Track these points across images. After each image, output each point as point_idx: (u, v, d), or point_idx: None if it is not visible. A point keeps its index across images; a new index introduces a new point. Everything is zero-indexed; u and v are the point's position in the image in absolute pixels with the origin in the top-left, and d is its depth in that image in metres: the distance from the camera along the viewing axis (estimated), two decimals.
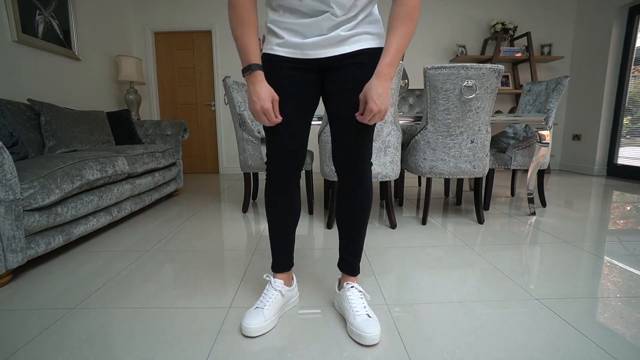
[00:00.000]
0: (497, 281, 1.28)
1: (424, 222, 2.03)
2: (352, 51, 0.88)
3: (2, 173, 1.22)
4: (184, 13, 4.06)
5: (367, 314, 0.96)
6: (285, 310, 1.08)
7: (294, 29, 0.87)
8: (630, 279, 1.29)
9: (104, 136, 2.50)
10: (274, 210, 1.02)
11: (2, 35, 2.29)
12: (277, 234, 1.05)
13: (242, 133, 2.19)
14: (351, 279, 1.06)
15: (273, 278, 1.07)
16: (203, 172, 4.49)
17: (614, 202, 2.57)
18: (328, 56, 0.88)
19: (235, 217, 2.24)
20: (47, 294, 1.21)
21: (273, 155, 0.96)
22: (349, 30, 0.86)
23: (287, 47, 0.89)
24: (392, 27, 0.84)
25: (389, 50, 0.83)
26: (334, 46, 0.87)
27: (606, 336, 0.94)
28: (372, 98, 0.83)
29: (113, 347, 0.91)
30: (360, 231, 1.04)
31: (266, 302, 1.01)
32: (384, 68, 0.83)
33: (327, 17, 0.83)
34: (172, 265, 1.47)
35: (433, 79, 1.81)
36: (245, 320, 0.96)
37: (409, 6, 0.82)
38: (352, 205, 1.00)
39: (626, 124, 3.80)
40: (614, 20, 3.72)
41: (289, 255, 1.09)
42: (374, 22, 0.90)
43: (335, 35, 0.85)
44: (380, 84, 0.83)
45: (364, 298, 1.01)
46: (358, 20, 0.86)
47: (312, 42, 0.86)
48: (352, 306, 0.98)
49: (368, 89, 0.84)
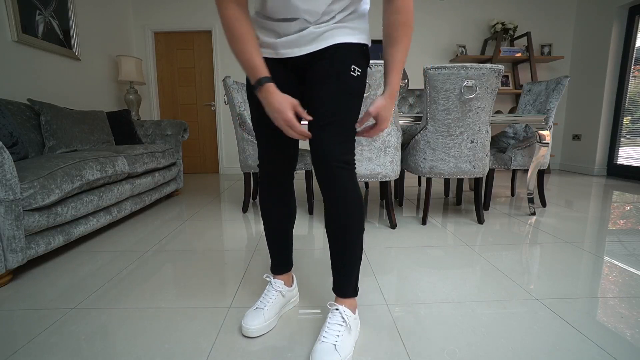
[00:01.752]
0: (497, 281, 1.28)
1: (424, 222, 2.03)
2: (325, 47, 0.82)
3: (2, 173, 1.22)
4: (184, 13, 4.06)
5: (334, 344, 0.83)
6: (284, 311, 1.08)
7: (268, 27, 0.84)
8: (630, 279, 1.29)
9: (104, 136, 2.50)
10: (269, 211, 1.01)
11: (2, 35, 2.29)
12: (273, 235, 1.04)
13: (242, 133, 2.19)
14: (340, 300, 0.93)
15: (273, 278, 1.07)
16: (203, 172, 4.49)
17: (614, 202, 2.57)
18: (300, 55, 0.83)
19: (235, 217, 2.24)
20: (47, 294, 1.21)
21: (262, 157, 0.96)
22: (323, 27, 0.81)
23: (263, 47, 0.87)
24: (394, 40, 0.80)
25: (395, 67, 0.80)
26: (307, 44, 0.82)
27: (606, 336, 0.94)
28: (385, 119, 0.81)
29: (113, 347, 0.91)
30: (346, 246, 0.88)
31: (266, 303, 1.00)
32: (395, 86, 0.80)
33: (300, 22, 0.80)
34: (172, 265, 1.47)
35: (433, 79, 1.81)
36: (245, 321, 0.96)
37: (405, 13, 0.79)
38: (331, 214, 0.86)
39: (626, 124, 3.80)
40: (614, 20, 3.72)
41: (287, 257, 1.07)
42: (357, 18, 0.84)
43: (308, 33, 0.81)
44: (392, 104, 0.82)
45: (345, 326, 0.87)
46: (336, 20, 0.81)
47: (284, 41, 0.83)
48: (324, 329, 0.88)
49: (381, 108, 0.81)
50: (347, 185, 0.83)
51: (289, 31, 0.82)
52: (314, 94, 0.83)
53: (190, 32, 4.15)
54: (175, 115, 4.35)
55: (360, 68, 0.84)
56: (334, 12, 0.80)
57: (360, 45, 0.84)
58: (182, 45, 4.19)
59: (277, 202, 1.00)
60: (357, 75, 0.83)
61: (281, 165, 0.96)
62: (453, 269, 1.40)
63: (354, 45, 0.83)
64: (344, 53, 0.82)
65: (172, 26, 4.09)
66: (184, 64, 4.22)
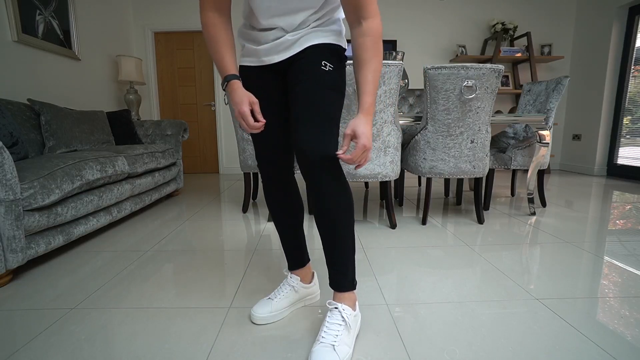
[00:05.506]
0: (497, 281, 1.28)
1: (424, 222, 2.03)
2: (301, 50, 0.87)
3: (2, 173, 1.22)
4: (184, 13, 4.06)
5: (333, 344, 0.82)
6: (298, 306, 1.10)
7: (251, 37, 0.91)
8: (630, 279, 1.29)
9: (104, 136, 2.50)
10: (274, 210, 1.04)
11: (2, 35, 2.29)
12: (283, 232, 1.06)
13: (242, 133, 2.19)
14: (339, 296, 0.92)
15: (291, 273, 1.09)
16: (203, 172, 4.49)
17: (614, 202, 2.57)
18: (280, 60, 0.89)
19: (235, 217, 2.24)
20: (47, 294, 1.21)
21: (258, 158, 1.00)
22: (298, 34, 0.86)
23: (248, 56, 0.93)
24: (363, 61, 0.81)
25: (367, 89, 0.81)
26: (284, 50, 0.88)
27: (606, 336, 0.94)
28: (363, 134, 0.78)
29: (113, 347, 0.91)
30: (338, 239, 0.88)
31: (277, 295, 1.05)
32: (369, 107, 0.81)
33: (277, 31, 0.86)
34: (172, 265, 1.47)
35: (433, 79, 1.81)
36: (254, 307, 1.03)
37: (373, 35, 0.80)
38: (319, 209, 0.86)
39: (626, 124, 3.80)
40: (614, 20, 3.72)
41: (299, 253, 1.08)
42: (331, 24, 0.90)
43: (284, 41, 0.86)
44: (367, 121, 0.80)
45: (344, 325, 0.87)
46: (310, 27, 0.87)
47: (264, 49, 0.88)
48: (323, 329, 0.87)
49: (356, 125, 0.79)
50: (330, 179, 0.83)
51: (267, 39, 0.88)
52: (292, 92, 0.87)
53: (190, 32, 4.15)
54: (175, 115, 4.35)
55: (332, 64, 0.87)
56: (309, 22, 0.86)
57: (331, 44, 0.88)
58: (182, 45, 4.19)
59: (280, 200, 1.02)
60: (329, 70, 0.86)
61: (277, 162, 0.98)
62: (453, 269, 1.40)
63: (325, 45, 0.87)
64: (315, 52, 0.86)
65: (172, 26, 4.09)
66: (184, 64, 4.22)
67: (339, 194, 0.85)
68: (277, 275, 1.36)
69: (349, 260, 0.90)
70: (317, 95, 0.84)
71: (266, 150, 0.97)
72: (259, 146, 0.97)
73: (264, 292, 1.21)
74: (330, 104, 0.85)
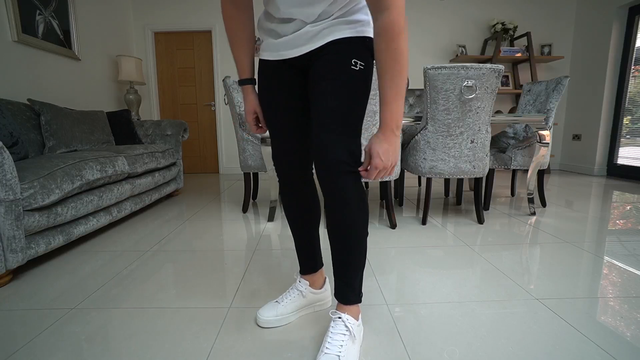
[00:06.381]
0: (497, 281, 1.28)
1: (424, 222, 2.03)
2: (323, 44, 0.79)
3: (2, 173, 1.22)
4: (184, 13, 4.06)
5: (339, 355, 0.80)
6: (307, 312, 1.07)
7: (270, 28, 0.85)
8: (630, 279, 1.29)
9: (104, 136, 2.50)
10: (288, 209, 1.00)
11: (2, 35, 2.29)
12: (294, 233, 1.02)
13: (242, 133, 2.19)
14: (342, 307, 0.88)
15: (300, 277, 1.06)
16: (203, 172, 4.49)
17: (614, 202, 2.57)
18: (299, 55, 0.82)
19: (235, 217, 2.24)
20: (47, 294, 1.21)
21: (275, 157, 0.95)
22: (320, 25, 0.78)
23: (267, 50, 0.87)
24: (379, 69, 0.72)
25: (388, 101, 0.72)
26: (304, 44, 0.80)
27: (606, 336, 0.94)
28: (377, 154, 0.73)
29: (113, 347, 0.91)
30: (349, 252, 0.84)
31: (284, 299, 1.04)
32: (386, 123, 0.73)
33: (297, 22, 0.79)
34: (172, 265, 1.47)
35: (433, 79, 1.81)
36: (260, 310, 1.02)
37: (387, 34, 0.68)
38: (333, 219, 0.82)
39: (626, 124, 3.79)
40: (614, 20, 3.72)
41: (310, 257, 1.04)
42: (357, 12, 0.79)
43: (305, 32, 0.79)
44: (386, 139, 0.73)
45: (348, 335, 0.84)
46: (333, 17, 0.78)
47: (283, 42, 0.82)
48: (327, 339, 0.84)
49: (373, 143, 0.74)
50: (349, 190, 0.78)
51: (286, 32, 0.81)
52: (314, 93, 0.81)
53: (190, 32, 4.15)
54: (175, 115, 4.35)
55: (364, 61, 0.79)
56: (330, 12, 0.77)
57: (362, 38, 0.79)
58: (182, 45, 4.19)
59: (295, 202, 0.98)
60: (360, 69, 0.78)
61: (292, 162, 0.93)
62: (453, 269, 1.39)
63: (354, 39, 0.79)
64: (343, 47, 0.78)
65: (172, 26, 4.09)
66: (184, 64, 4.22)
67: (357, 207, 0.80)
68: (277, 275, 1.36)
69: (357, 273, 0.87)
70: (345, 99, 0.77)
71: (281, 150, 0.92)
72: (275, 145, 0.93)
73: (264, 293, 1.21)
74: (358, 109, 0.80)
